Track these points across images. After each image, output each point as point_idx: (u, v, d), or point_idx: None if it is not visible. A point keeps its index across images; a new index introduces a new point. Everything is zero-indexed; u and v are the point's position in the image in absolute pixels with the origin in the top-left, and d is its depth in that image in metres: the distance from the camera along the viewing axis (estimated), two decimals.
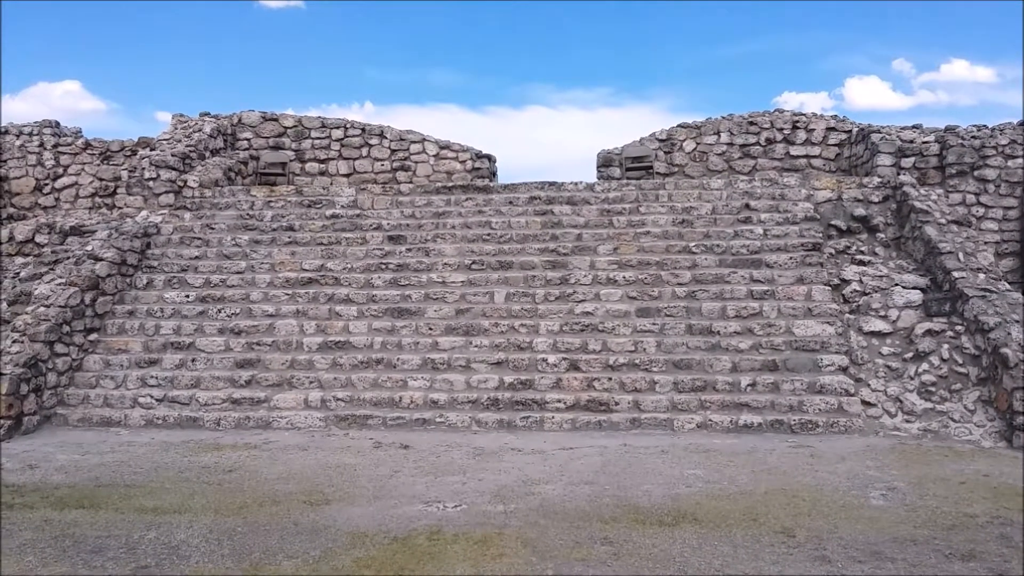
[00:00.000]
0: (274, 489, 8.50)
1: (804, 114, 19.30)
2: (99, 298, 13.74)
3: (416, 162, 19.67)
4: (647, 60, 60.79)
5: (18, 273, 14.98)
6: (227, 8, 58.80)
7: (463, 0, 58.08)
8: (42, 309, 12.80)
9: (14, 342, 12.14)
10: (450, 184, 17.23)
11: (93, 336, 13.41)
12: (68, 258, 14.52)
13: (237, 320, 13.75)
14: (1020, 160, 16.24)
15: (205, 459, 9.88)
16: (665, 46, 60.26)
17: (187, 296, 14.28)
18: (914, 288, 13.08)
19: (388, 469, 9.34)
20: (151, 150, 17.57)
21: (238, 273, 14.80)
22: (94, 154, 19.52)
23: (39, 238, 16.56)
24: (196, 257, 15.26)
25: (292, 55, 60.82)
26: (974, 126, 16.96)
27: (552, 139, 54.84)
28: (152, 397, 12.40)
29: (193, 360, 13.01)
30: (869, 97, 55.63)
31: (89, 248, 14.33)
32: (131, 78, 61.57)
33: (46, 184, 19.50)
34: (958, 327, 12.21)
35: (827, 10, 57.47)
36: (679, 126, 19.56)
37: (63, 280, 13.45)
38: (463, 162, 19.54)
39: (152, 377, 12.73)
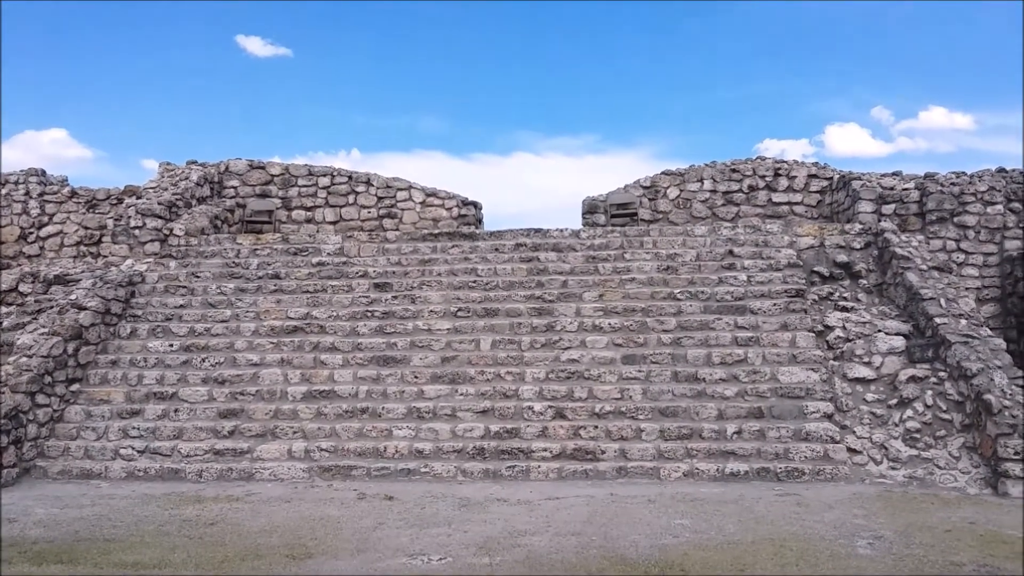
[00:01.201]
0: (256, 543, 8.38)
1: (786, 161, 19.55)
2: (82, 348, 13.64)
3: (402, 209, 19.76)
4: (631, 107, 61.55)
5: (1, 322, 14.88)
6: (215, 56, 59.25)
7: (440, 31, 58.78)
8: (24, 359, 12.70)
9: None
10: (436, 231, 17.31)
11: (75, 386, 13.29)
12: (52, 307, 14.45)
13: (221, 369, 13.67)
14: (999, 207, 16.48)
15: (186, 512, 9.75)
16: (649, 93, 61.07)
17: (171, 345, 14.21)
18: (897, 334, 13.16)
19: (372, 521, 9.24)
20: (137, 198, 17.60)
21: (223, 322, 14.75)
22: (80, 202, 19.52)
23: (23, 287, 16.48)
24: (181, 306, 15.21)
25: (280, 102, 61.22)
26: (953, 173, 17.21)
27: (538, 186, 55.23)
28: (134, 448, 12.27)
29: (176, 410, 12.90)
30: (849, 144, 56.41)
31: (73, 297, 14.27)
32: (118, 126, 61.75)
33: (31, 232, 19.47)
34: (941, 373, 12.27)
35: (805, 59, 58.54)
36: (663, 173, 19.77)
37: (46, 330, 13.37)
38: (449, 209, 19.65)
39: (134, 428, 12.61)
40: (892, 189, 16.80)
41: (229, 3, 57.99)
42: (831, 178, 18.79)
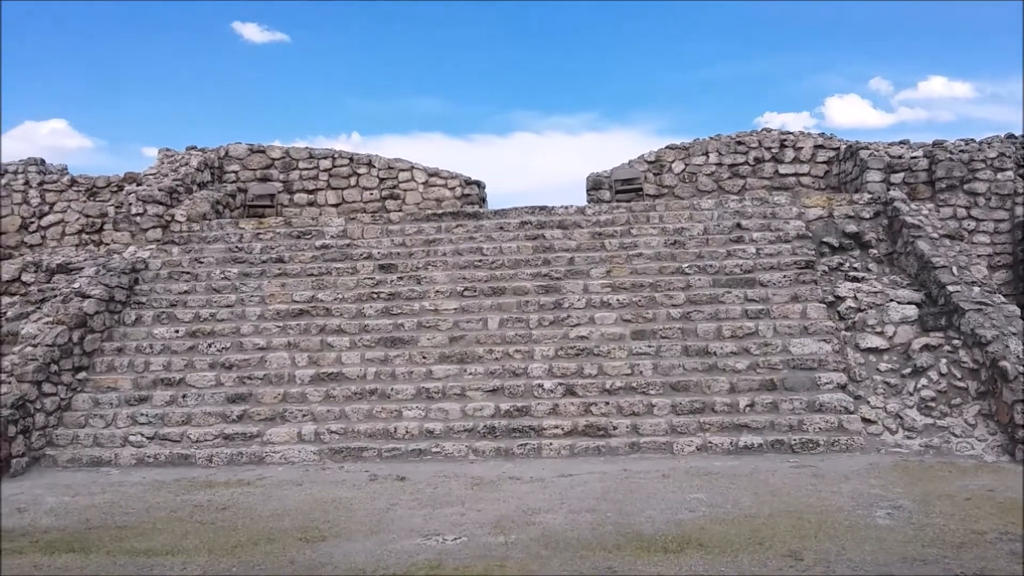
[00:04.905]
0: (269, 526, 8.31)
1: (792, 133, 19.33)
2: (87, 336, 13.55)
3: (405, 190, 19.61)
4: (628, 85, 61.19)
5: (4, 312, 14.79)
6: (212, 42, 58.97)
7: (443, 7, 58.39)
8: (29, 349, 12.61)
9: (1, 383, 11.94)
10: (440, 211, 17.14)
11: (82, 375, 13.21)
12: (55, 296, 14.34)
13: (228, 354, 13.57)
14: (1009, 173, 16.26)
15: (198, 497, 9.68)
16: (644, 71, 60.70)
17: (176, 331, 14.11)
18: (909, 303, 13.03)
19: (385, 502, 9.16)
20: (137, 185, 17.47)
21: (228, 307, 14.64)
22: (80, 191, 19.37)
23: (26, 276, 16.38)
24: (185, 291, 15.10)
25: (278, 87, 60.98)
26: (962, 140, 16.97)
27: (539, 165, 55.01)
28: (143, 435, 12.20)
29: (184, 396, 12.82)
30: (850, 115, 56.08)
31: (76, 285, 14.16)
32: (117, 115, 61.61)
33: (32, 222, 19.34)
34: (955, 341, 12.14)
35: (799, 34, 58.09)
36: (667, 147, 19.57)
37: (50, 319, 13.27)
38: (452, 189, 19.49)
39: (142, 415, 12.53)
40: (900, 158, 16.59)
41: None
42: (838, 148, 18.58)
